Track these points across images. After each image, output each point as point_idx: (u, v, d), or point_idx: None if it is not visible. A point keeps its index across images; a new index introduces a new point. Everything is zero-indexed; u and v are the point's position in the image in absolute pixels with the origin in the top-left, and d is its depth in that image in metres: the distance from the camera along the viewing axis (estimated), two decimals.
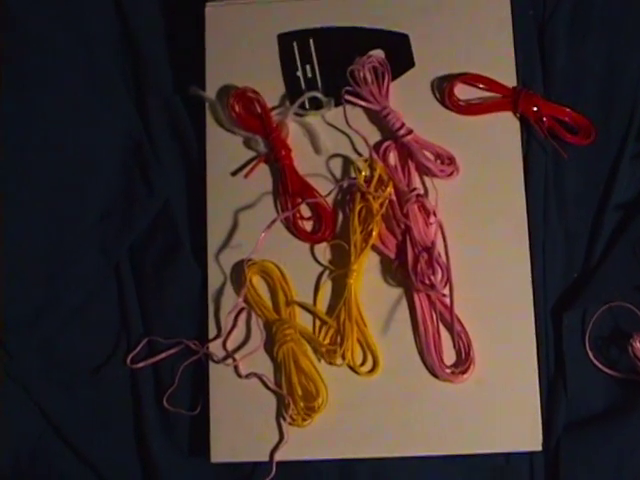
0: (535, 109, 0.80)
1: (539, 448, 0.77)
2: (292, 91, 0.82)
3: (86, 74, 0.85)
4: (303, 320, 0.79)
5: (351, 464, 0.79)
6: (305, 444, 0.78)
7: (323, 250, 0.80)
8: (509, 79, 0.81)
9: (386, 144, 0.80)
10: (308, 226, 0.80)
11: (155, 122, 0.84)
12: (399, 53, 0.81)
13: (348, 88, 0.80)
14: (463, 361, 0.78)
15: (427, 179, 0.80)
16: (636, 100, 0.82)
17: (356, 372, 0.78)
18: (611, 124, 0.82)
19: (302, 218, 0.80)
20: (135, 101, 0.85)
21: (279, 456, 0.78)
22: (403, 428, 0.78)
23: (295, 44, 0.82)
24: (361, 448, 0.78)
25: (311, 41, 0.82)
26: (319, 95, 0.81)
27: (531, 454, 0.78)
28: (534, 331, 0.78)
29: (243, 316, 0.80)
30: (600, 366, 0.79)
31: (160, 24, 0.86)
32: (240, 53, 0.83)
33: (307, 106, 0.81)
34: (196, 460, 0.80)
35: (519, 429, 0.77)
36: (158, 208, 0.83)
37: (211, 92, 0.82)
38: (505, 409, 0.77)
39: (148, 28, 0.86)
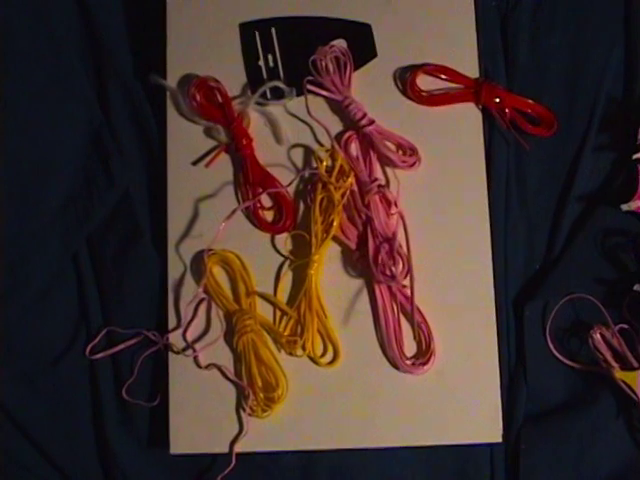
0: (497, 100, 0.80)
1: (499, 440, 0.77)
2: (254, 80, 0.81)
3: (47, 63, 0.84)
4: (263, 311, 0.79)
5: (312, 455, 0.79)
6: (265, 435, 0.77)
7: (284, 240, 0.79)
8: (472, 70, 0.81)
9: (348, 134, 0.79)
10: (269, 216, 0.80)
11: (116, 111, 0.83)
12: (361, 43, 0.81)
13: (310, 78, 0.79)
14: (424, 352, 0.78)
15: (389, 170, 0.80)
16: (598, 92, 0.82)
17: (316, 363, 0.78)
18: (573, 116, 0.82)
19: (263, 208, 0.80)
20: (96, 90, 0.84)
21: (239, 447, 0.77)
22: (363, 420, 0.77)
23: (257, 33, 0.82)
24: (321, 440, 0.78)
25: (273, 30, 0.81)
26: (281, 85, 0.80)
27: (492, 445, 0.78)
28: (495, 322, 0.78)
29: (203, 306, 0.79)
30: (560, 358, 0.79)
31: (121, 12, 0.85)
32: (201, 42, 0.82)
33: (269, 96, 0.81)
34: (155, 451, 0.80)
35: (479, 421, 0.77)
36: (118, 197, 0.82)
37: (172, 81, 0.81)
38: (466, 401, 0.77)
39: (109, 17, 0.85)
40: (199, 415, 0.78)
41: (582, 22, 0.83)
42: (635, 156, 0.79)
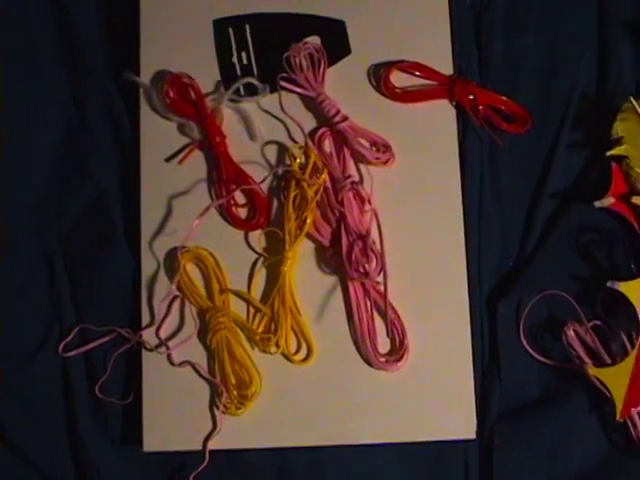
0: (471, 97, 0.80)
1: (473, 436, 0.77)
2: (227, 77, 0.81)
3: (22, 60, 0.84)
4: (237, 308, 0.79)
5: (286, 453, 0.79)
6: (239, 433, 0.77)
7: (257, 237, 0.79)
8: (445, 67, 0.81)
9: (321, 131, 0.79)
10: (242, 213, 0.80)
11: (89, 107, 0.83)
12: (335, 40, 0.81)
13: (283, 75, 0.79)
14: (397, 349, 0.78)
15: (362, 166, 0.80)
16: (572, 89, 0.82)
17: (290, 360, 0.78)
18: (547, 113, 0.82)
19: (236, 205, 0.79)
20: (70, 88, 0.84)
21: (212, 445, 0.77)
22: (338, 417, 0.77)
23: (231, 30, 0.81)
24: (295, 437, 0.77)
25: (247, 27, 0.81)
26: (254, 81, 0.80)
27: (465, 442, 0.78)
28: (469, 319, 0.78)
29: (176, 304, 0.79)
30: (534, 354, 0.79)
31: (95, 10, 0.85)
32: (175, 38, 0.82)
33: (242, 92, 0.81)
34: (129, 449, 0.79)
35: (453, 417, 0.77)
36: (91, 194, 0.82)
37: (145, 77, 0.81)
38: (439, 398, 0.77)
39: (84, 15, 0.85)
40: (172, 413, 0.78)
41: (556, 19, 0.84)
42: (608, 153, 0.78)
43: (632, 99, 0.78)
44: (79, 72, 0.84)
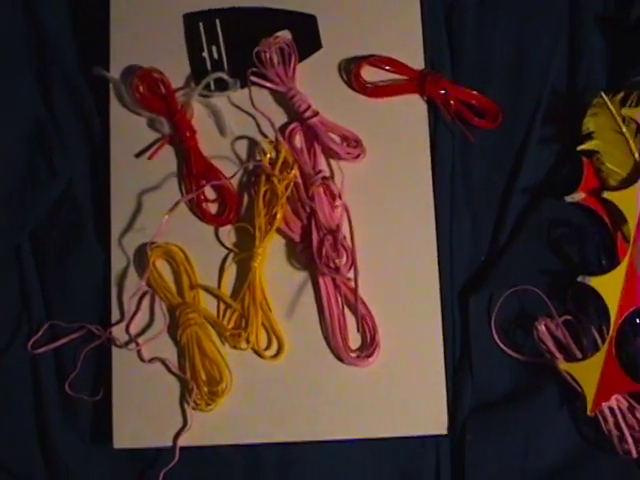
0: (442, 92, 0.80)
1: (444, 432, 0.77)
2: (197, 72, 0.81)
3: None
4: (207, 304, 0.78)
5: (257, 449, 0.79)
6: (209, 429, 0.77)
7: (228, 233, 0.79)
8: (417, 62, 0.81)
9: (292, 126, 0.79)
10: (213, 208, 0.79)
11: (58, 102, 0.83)
12: (306, 34, 0.81)
13: (254, 69, 0.79)
14: (368, 345, 0.77)
15: (333, 162, 0.80)
16: (543, 85, 0.82)
17: (261, 356, 0.78)
18: (518, 108, 0.82)
19: (207, 200, 0.79)
20: (39, 82, 0.83)
21: (183, 442, 0.77)
22: (309, 413, 0.77)
23: (201, 24, 0.81)
24: (266, 433, 0.77)
25: (217, 21, 0.81)
26: (224, 76, 0.80)
27: (437, 437, 0.78)
28: (440, 314, 0.78)
29: (146, 300, 0.79)
30: (505, 349, 0.79)
31: (65, 5, 0.84)
32: (145, 33, 0.81)
33: (212, 87, 0.80)
34: (98, 446, 0.79)
35: (424, 413, 0.77)
36: (61, 190, 0.82)
37: (115, 72, 0.81)
38: (411, 393, 0.77)
39: (53, 10, 0.84)
40: (142, 409, 0.77)
41: (527, 14, 0.84)
42: (579, 148, 0.79)
43: (603, 94, 0.78)
44: (48, 67, 0.83)
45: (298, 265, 0.78)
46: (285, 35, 0.81)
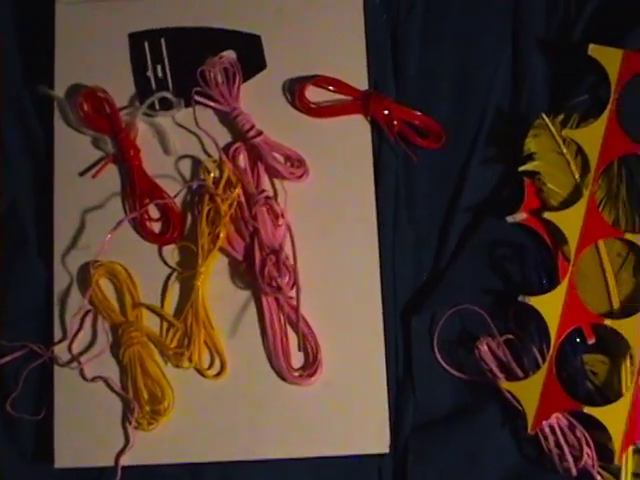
0: (386, 112, 0.80)
1: (386, 450, 0.77)
2: (142, 91, 0.81)
3: None
4: (150, 322, 0.78)
5: (201, 468, 0.78)
6: (152, 448, 0.77)
7: (171, 252, 0.79)
8: (361, 82, 0.81)
9: (236, 146, 0.79)
10: (156, 227, 0.80)
11: (3, 119, 0.83)
12: (251, 54, 0.81)
13: (198, 89, 0.79)
14: (311, 364, 0.78)
15: (277, 181, 0.80)
16: (487, 106, 0.83)
17: (203, 375, 0.78)
18: (462, 128, 0.83)
19: (150, 219, 0.79)
20: None
21: (125, 461, 0.76)
22: (252, 432, 0.77)
23: (146, 44, 0.81)
24: (209, 452, 0.77)
25: (162, 41, 0.81)
26: (169, 95, 0.80)
27: (379, 456, 0.78)
28: (383, 334, 0.78)
29: (89, 319, 0.78)
30: (448, 368, 0.79)
31: (10, 22, 0.84)
32: (90, 51, 0.82)
33: (157, 106, 0.80)
34: (40, 466, 0.78)
35: (367, 432, 0.77)
36: (4, 207, 0.81)
37: (60, 91, 0.81)
38: (353, 412, 0.77)
39: None
40: (84, 428, 0.77)
41: (471, 35, 0.84)
42: (521, 168, 0.79)
43: (544, 115, 0.79)
44: None
45: (241, 284, 0.78)
46: (230, 55, 0.81)
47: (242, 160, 0.79)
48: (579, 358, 0.78)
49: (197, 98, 0.79)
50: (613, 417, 0.75)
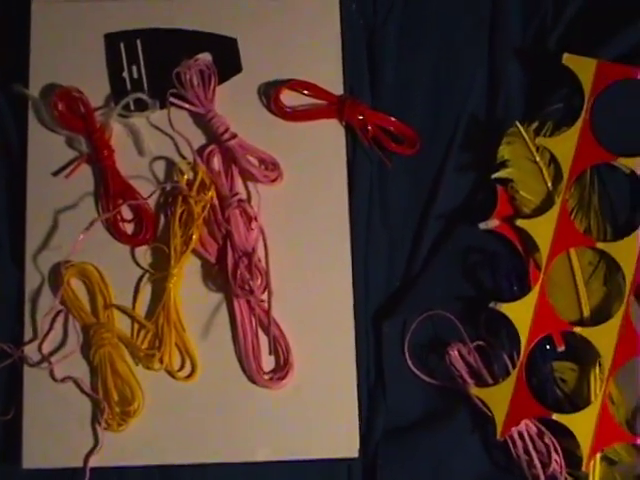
0: (360, 117, 0.80)
1: (356, 455, 0.77)
2: (117, 92, 0.81)
3: None
4: (122, 324, 0.78)
5: (171, 470, 0.78)
6: (121, 450, 0.77)
7: (144, 253, 0.79)
8: (336, 87, 0.82)
9: (210, 148, 0.79)
10: (129, 228, 0.79)
11: None
12: (227, 57, 0.81)
13: (173, 90, 0.79)
14: (281, 367, 0.78)
15: (250, 184, 0.80)
16: (462, 111, 0.83)
17: (174, 377, 0.78)
18: (436, 135, 0.83)
19: (123, 220, 0.79)
20: None
21: (94, 462, 0.76)
22: (222, 434, 0.77)
23: (122, 44, 0.81)
24: (179, 454, 0.77)
25: (138, 42, 0.81)
26: (144, 97, 0.80)
27: (349, 461, 0.78)
28: (354, 338, 0.78)
29: (60, 319, 0.78)
30: (419, 374, 0.79)
31: None
32: (66, 51, 0.82)
33: (132, 107, 0.80)
34: (8, 466, 0.78)
35: (337, 436, 0.77)
36: None
37: (34, 90, 0.81)
38: (323, 416, 0.77)
39: None
40: (53, 429, 0.77)
41: (447, 42, 0.85)
42: (494, 175, 0.80)
43: (517, 123, 0.80)
44: None
45: (213, 286, 0.78)
46: (205, 57, 0.81)
47: (216, 162, 0.80)
48: (549, 365, 0.79)
49: (172, 100, 0.79)
50: (581, 424, 0.76)
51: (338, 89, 0.81)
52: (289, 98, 0.81)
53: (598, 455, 0.76)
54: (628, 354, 0.77)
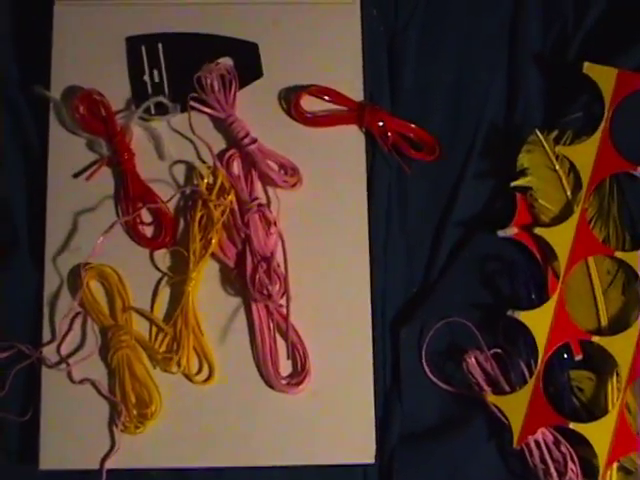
0: (380, 124, 0.81)
1: (372, 460, 0.77)
2: (138, 95, 0.81)
3: None
4: (140, 326, 0.78)
5: (186, 473, 0.78)
6: (138, 452, 0.77)
7: (162, 256, 0.79)
8: (356, 93, 0.82)
9: (230, 152, 0.80)
10: (148, 232, 0.80)
11: None
12: (248, 62, 0.82)
13: (194, 95, 0.79)
14: (299, 372, 0.78)
15: (270, 189, 0.80)
16: (481, 119, 0.84)
17: (191, 380, 0.78)
18: (456, 141, 0.83)
19: (142, 223, 0.79)
20: None
21: (110, 464, 0.76)
22: (238, 438, 0.77)
23: (143, 48, 0.81)
24: (194, 457, 0.77)
25: (160, 46, 0.81)
26: (165, 100, 0.80)
27: (365, 466, 0.78)
28: (371, 344, 0.78)
29: (79, 321, 0.78)
30: (435, 380, 0.79)
31: (7, 23, 0.84)
32: (87, 54, 0.82)
33: (153, 111, 0.81)
34: (25, 467, 0.78)
35: (353, 442, 0.77)
36: None
37: (56, 92, 0.81)
38: (340, 421, 0.77)
39: None
40: (71, 430, 0.77)
41: (467, 49, 0.85)
42: (513, 184, 0.80)
43: (537, 131, 0.80)
44: None
45: (231, 291, 0.79)
46: (226, 62, 0.81)
47: (236, 167, 0.80)
48: (566, 374, 0.78)
49: (193, 104, 0.80)
50: (598, 434, 0.76)
51: (358, 95, 0.82)
52: (309, 103, 0.81)
53: (615, 465, 0.76)
54: None
